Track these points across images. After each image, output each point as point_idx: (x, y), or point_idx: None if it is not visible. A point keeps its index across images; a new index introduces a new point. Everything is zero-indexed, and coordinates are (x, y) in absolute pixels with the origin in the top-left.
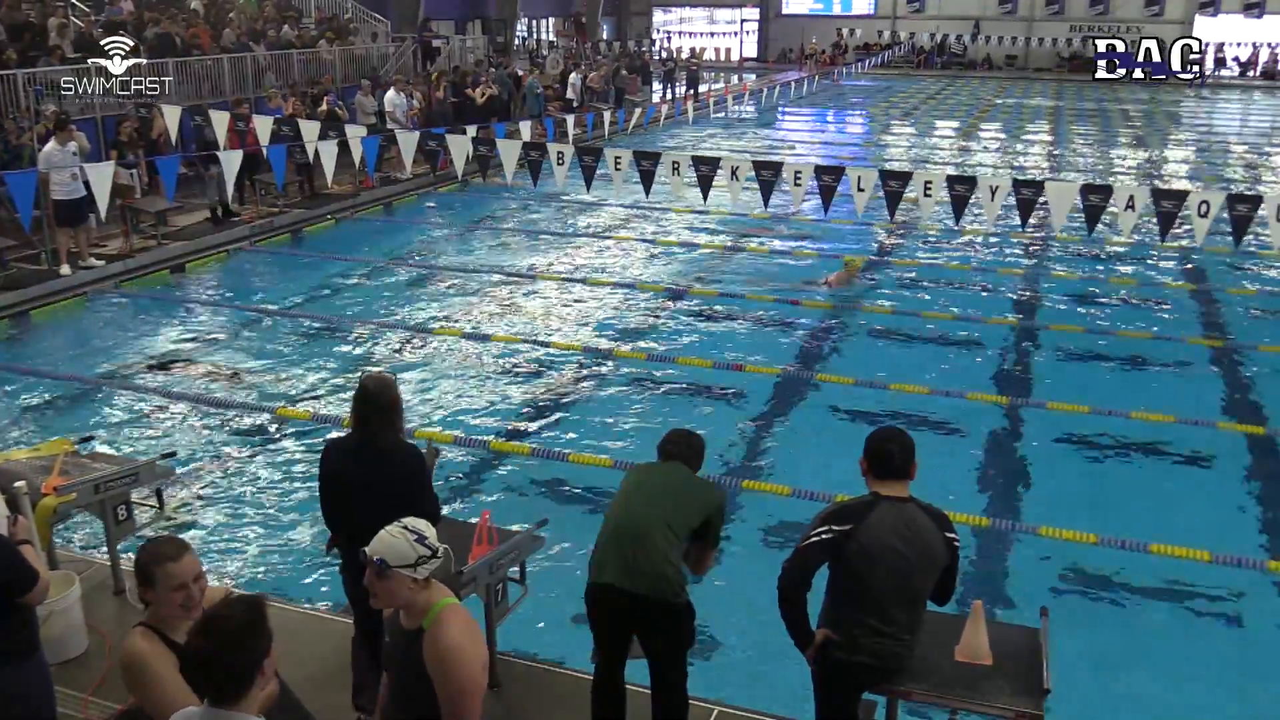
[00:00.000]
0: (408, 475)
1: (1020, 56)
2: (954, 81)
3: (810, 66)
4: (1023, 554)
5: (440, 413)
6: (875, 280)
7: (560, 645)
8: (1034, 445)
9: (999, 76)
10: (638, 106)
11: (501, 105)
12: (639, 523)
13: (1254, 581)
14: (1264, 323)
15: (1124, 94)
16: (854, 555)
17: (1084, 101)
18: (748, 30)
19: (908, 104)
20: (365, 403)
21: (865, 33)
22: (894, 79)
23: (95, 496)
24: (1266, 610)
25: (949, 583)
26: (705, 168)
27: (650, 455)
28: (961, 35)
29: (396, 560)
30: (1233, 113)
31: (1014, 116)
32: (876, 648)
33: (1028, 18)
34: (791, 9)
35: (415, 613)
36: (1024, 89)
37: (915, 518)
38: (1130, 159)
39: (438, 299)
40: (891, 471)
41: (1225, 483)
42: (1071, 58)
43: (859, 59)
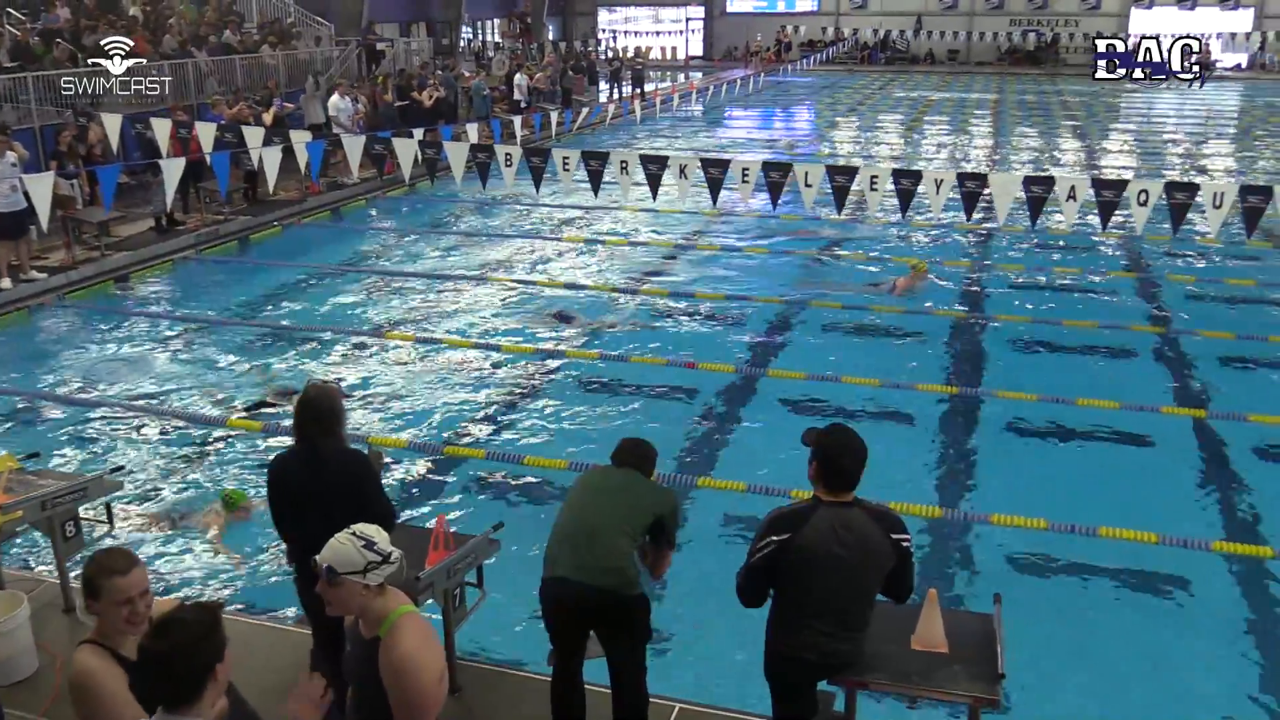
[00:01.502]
0: (353, 481)
1: (962, 51)
2: (898, 77)
3: (756, 64)
4: (975, 542)
5: (393, 418)
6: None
7: (519, 647)
8: (984, 434)
9: (941, 71)
10: (584, 106)
11: (448, 108)
12: (590, 520)
13: (1201, 561)
14: (1203, 308)
15: (1064, 86)
16: (793, 561)
17: (1025, 94)
18: (693, 29)
19: (853, 100)
20: (306, 411)
21: (809, 30)
22: (839, 75)
23: (42, 513)
24: (1213, 588)
25: (903, 582)
26: (653, 166)
27: (605, 456)
28: (904, 31)
29: (345, 567)
30: (1169, 103)
31: (957, 110)
32: (822, 646)
33: (968, 13)
34: (736, 7)
35: (372, 621)
36: (966, 83)
37: (856, 520)
38: (1071, 150)
39: (387, 303)
40: (845, 485)
41: (1170, 466)
42: (1011, 51)
43: (804, 56)
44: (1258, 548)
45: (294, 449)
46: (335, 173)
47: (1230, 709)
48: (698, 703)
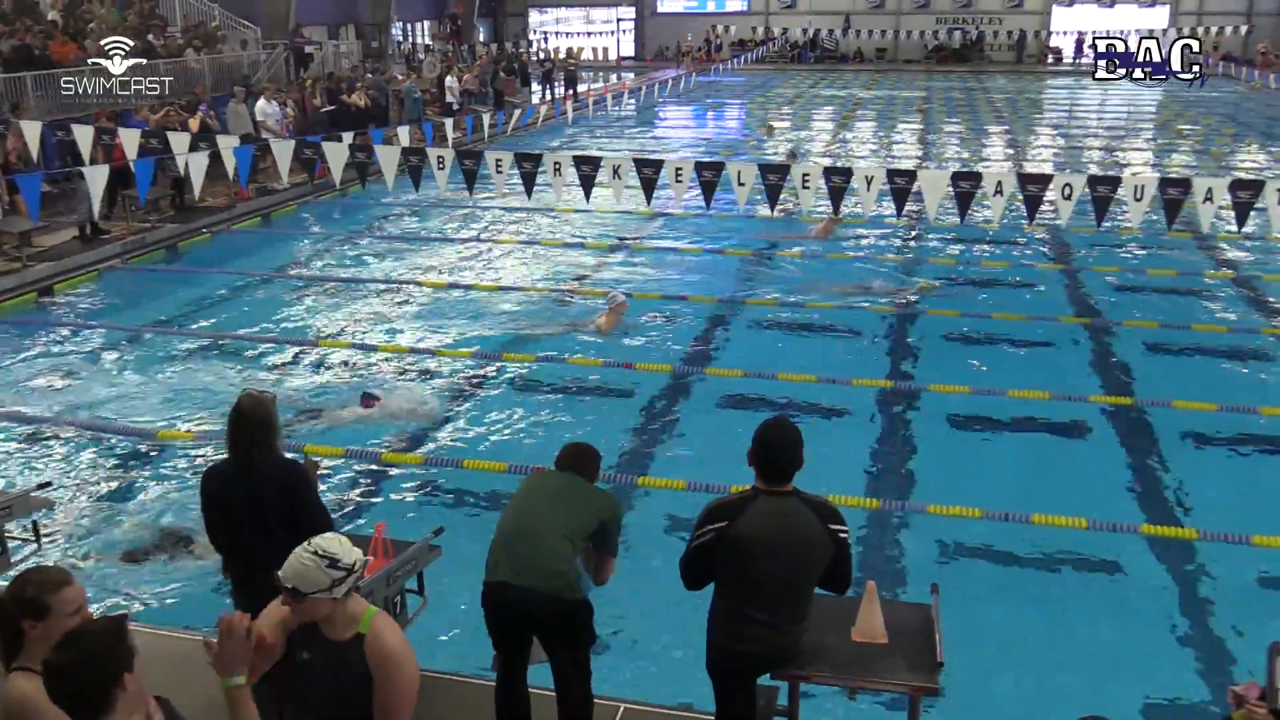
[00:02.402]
0: (290, 491)
1: (890, 49)
2: (827, 75)
3: (687, 64)
4: (913, 533)
5: (329, 426)
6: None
7: (463, 654)
8: (919, 427)
9: (870, 69)
10: (517, 108)
11: (379, 111)
12: (531, 524)
13: (1130, 544)
14: (1127, 299)
15: (989, 83)
16: (730, 549)
17: (952, 91)
18: (624, 29)
19: (784, 98)
20: (240, 422)
21: (739, 29)
22: (769, 74)
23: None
24: (1141, 571)
25: (842, 574)
26: (587, 167)
27: (545, 457)
28: (833, 30)
29: (310, 588)
30: (1092, 98)
31: (886, 108)
32: (759, 637)
33: (895, 11)
34: (666, 7)
35: (344, 623)
36: (895, 81)
37: (793, 510)
38: (998, 145)
39: (321, 310)
40: (778, 474)
41: (1099, 454)
42: (938, 49)
43: (734, 55)
44: (1183, 530)
45: (227, 460)
46: (265, 178)
47: (1161, 688)
48: (642, 702)
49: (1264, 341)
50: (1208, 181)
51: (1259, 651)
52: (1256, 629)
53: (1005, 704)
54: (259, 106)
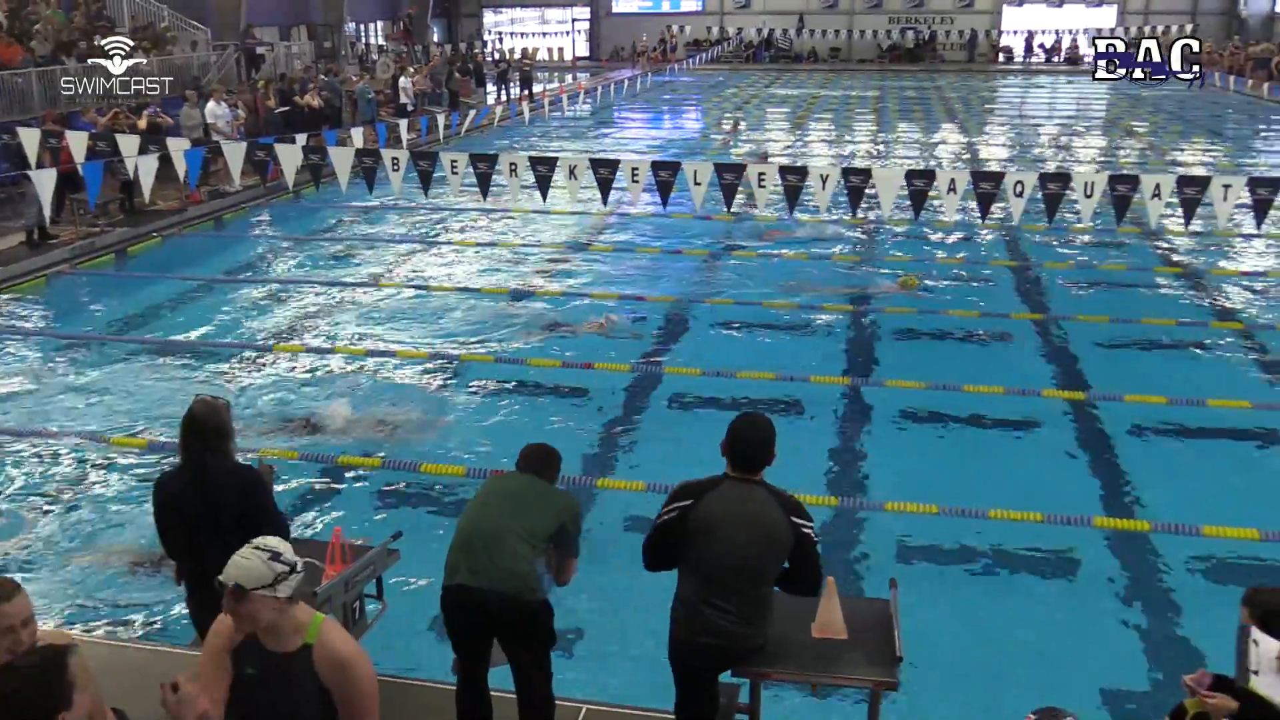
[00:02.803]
0: (245, 497)
1: (844, 49)
2: (782, 74)
3: (642, 64)
4: (871, 529)
5: (285, 431)
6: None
7: (423, 658)
8: (876, 423)
9: (824, 69)
10: (472, 109)
11: (333, 112)
12: (490, 526)
13: (1084, 537)
14: (1079, 294)
15: (942, 81)
16: (692, 528)
17: (905, 90)
18: (579, 29)
19: (739, 98)
20: (193, 428)
21: (694, 29)
22: (724, 73)
23: None
24: (1096, 563)
25: (807, 571)
26: (542, 168)
27: (504, 459)
28: (787, 30)
29: (254, 583)
30: (1042, 96)
31: (840, 107)
32: (719, 629)
33: (848, 11)
34: (621, 8)
35: (289, 632)
36: (848, 80)
37: (757, 497)
38: (951, 143)
39: (275, 313)
40: (748, 466)
41: (1053, 447)
42: (891, 48)
43: (689, 55)
44: (1136, 522)
45: (180, 467)
46: (216, 181)
47: (1116, 678)
48: (605, 702)
49: (1211, 335)
50: (1156, 178)
51: (1212, 639)
52: (1208, 618)
53: (964, 697)
54: (209, 108)
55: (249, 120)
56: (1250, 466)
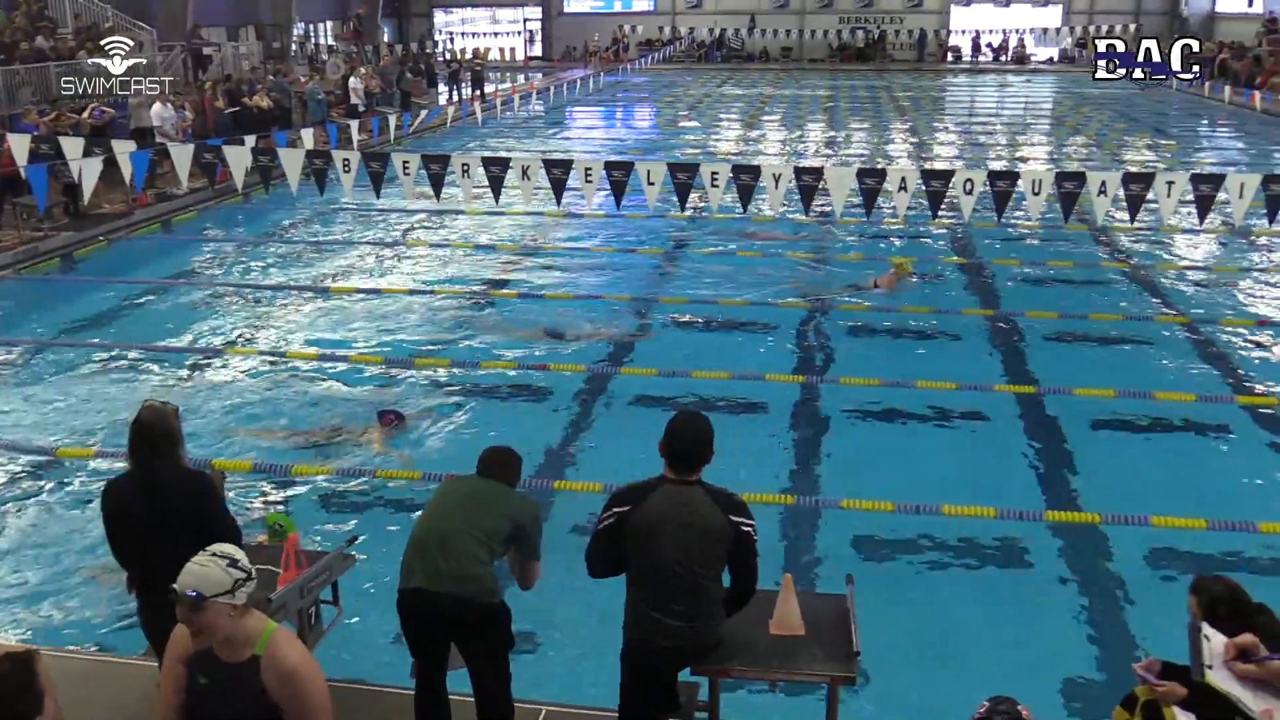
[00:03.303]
0: (196, 504)
1: (795, 48)
2: (734, 74)
3: (595, 64)
4: (827, 526)
5: (236, 438)
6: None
7: (381, 663)
8: (831, 421)
9: (776, 68)
10: (423, 109)
11: (282, 113)
12: (444, 528)
13: (1035, 530)
14: (1028, 290)
15: (892, 81)
16: (633, 533)
17: (856, 89)
18: (531, 29)
19: (691, 97)
20: (141, 435)
21: (647, 29)
22: (677, 73)
23: None
24: (1047, 554)
25: (745, 571)
26: (495, 169)
27: (460, 463)
28: (739, 29)
29: (212, 590)
30: (990, 95)
31: (792, 106)
32: (672, 631)
33: (799, 11)
34: (573, 7)
35: (240, 643)
36: (800, 79)
37: (695, 498)
38: (901, 142)
39: (225, 317)
40: (686, 465)
41: (1005, 442)
42: (842, 48)
43: (642, 55)
44: (1087, 514)
45: (129, 474)
46: (163, 183)
47: (1068, 667)
48: (564, 704)
49: (1157, 328)
50: (1101, 175)
51: (1162, 628)
52: (1158, 606)
53: (919, 689)
54: (154, 110)
55: (197, 122)
56: (1196, 457)
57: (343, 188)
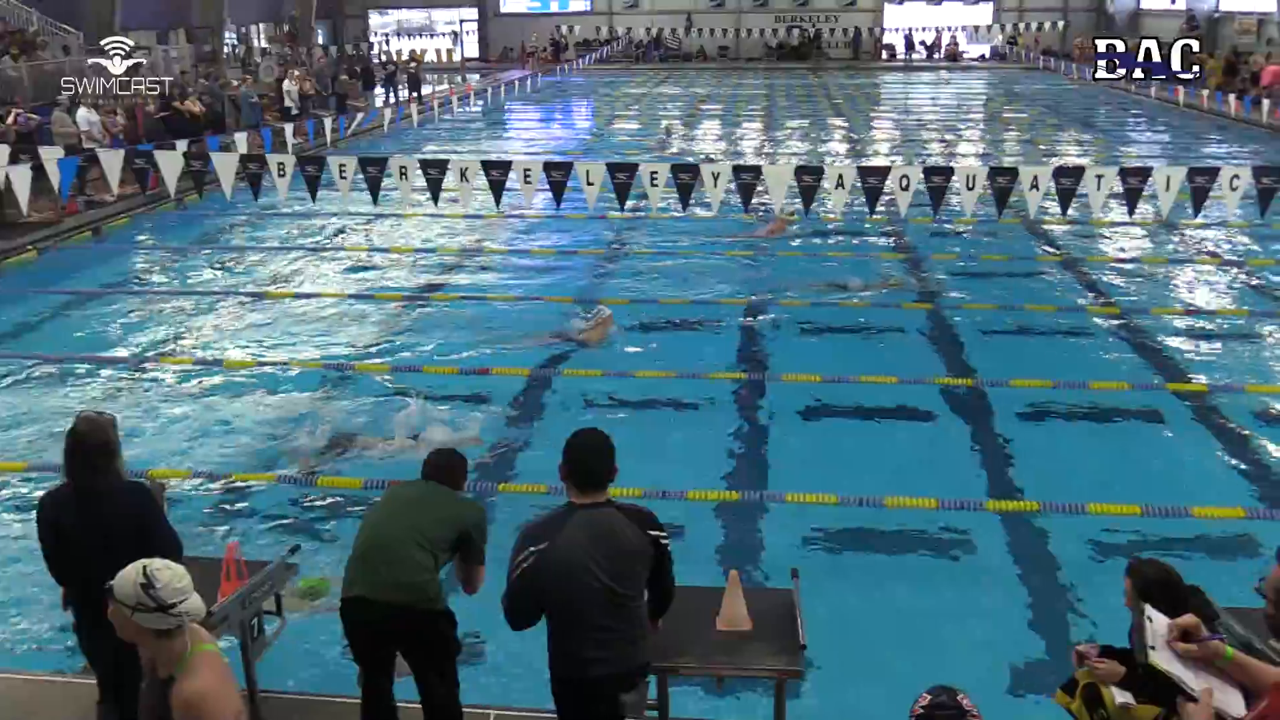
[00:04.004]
0: (134, 516)
1: (732, 47)
2: (672, 73)
3: (533, 64)
4: (772, 521)
5: (174, 448)
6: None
7: (327, 673)
8: (773, 417)
9: (713, 67)
10: (360, 112)
11: (215, 117)
12: (386, 535)
13: (976, 519)
14: (965, 284)
15: (828, 79)
16: (554, 570)
17: (793, 88)
18: (467, 30)
19: (629, 97)
20: (77, 447)
21: (584, 29)
22: (615, 73)
23: None
24: (989, 543)
25: (663, 582)
26: (433, 171)
27: (402, 470)
28: (676, 29)
29: (119, 592)
30: (925, 92)
31: (730, 104)
32: (597, 659)
33: (736, 10)
34: (510, 8)
35: (165, 660)
36: (737, 78)
37: (611, 520)
38: (838, 139)
39: (160, 326)
40: (592, 484)
41: (945, 433)
42: (778, 47)
43: (579, 55)
44: (1026, 502)
45: (65, 487)
46: (93, 190)
47: (1011, 654)
48: (513, 707)
49: (1089, 319)
50: (1033, 170)
51: (1101, 612)
52: (1097, 591)
53: (865, 680)
54: (80, 115)
55: (128, 127)
56: (1130, 445)
57: (278, 192)
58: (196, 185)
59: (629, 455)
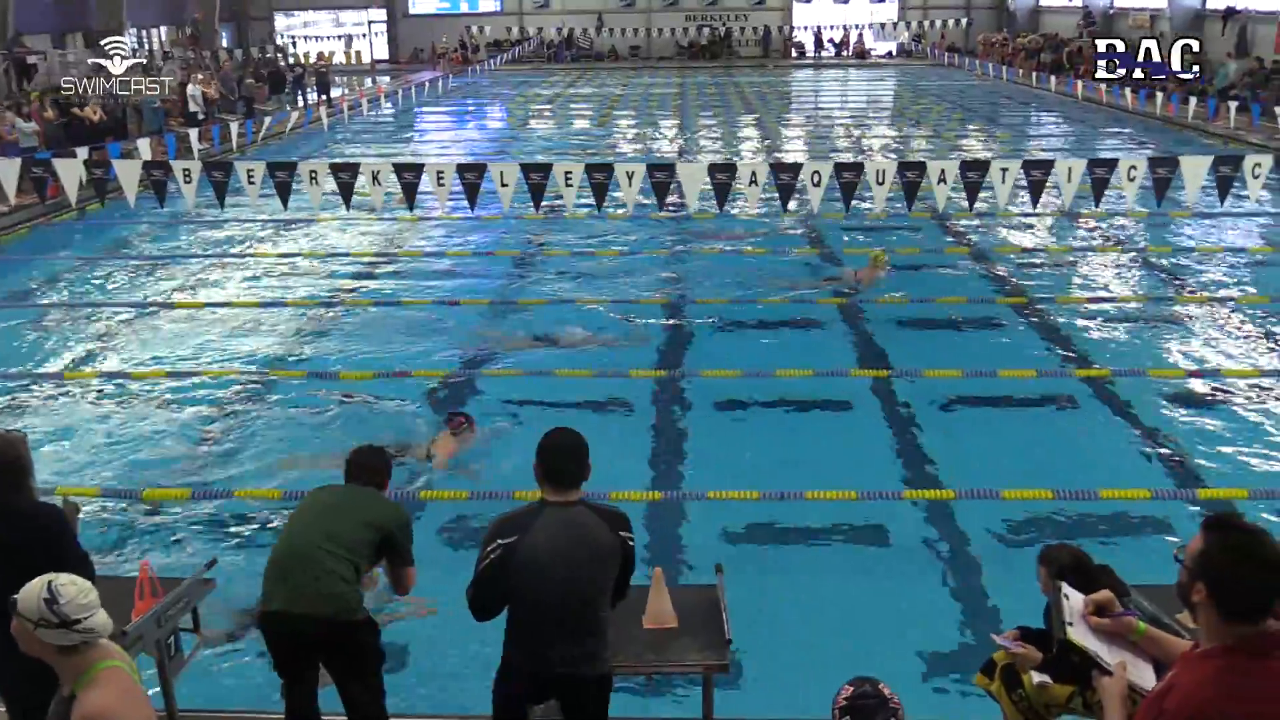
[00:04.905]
0: (46, 538)
1: (643, 47)
2: (584, 73)
3: (443, 66)
4: (695, 519)
5: (82, 465)
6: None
7: (250, 688)
8: (695, 414)
9: (625, 67)
10: (268, 116)
11: (116, 123)
12: (302, 545)
13: (895, 509)
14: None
15: (739, 77)
16: (522, 566)
17: (705, 87)
18: (376, 32)
19: (542, 97)
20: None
21: (494, 30)
22: (527, 74)
23: None
24: (907, 532)
25: (625, 582)
26: (345, 175)
27: (323, 478)
28: (587, 29)
29: (22, 606)
30: (834, 89)
31: (643, 104)
32: (562, 656)
33: (646, 9)
34: (419, 9)
35: (68, 676)
36: (649, 77)
37: (583, 520)
38: (751, 136)
39: (67, 339)
40: (563, 483)
41: (862, 425)
42: (689, 46)
43: (490, 56)
44: (942, 491)
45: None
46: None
47: (931, 641)
48: (439, 714)
49: (998, 309)
50: (940, 164)
51: (1017, 596)
52: (1012, 575)
53: (790, 671)
54: None
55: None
56: (1040, 431)
57: (185, 199)
58: (99, 193)
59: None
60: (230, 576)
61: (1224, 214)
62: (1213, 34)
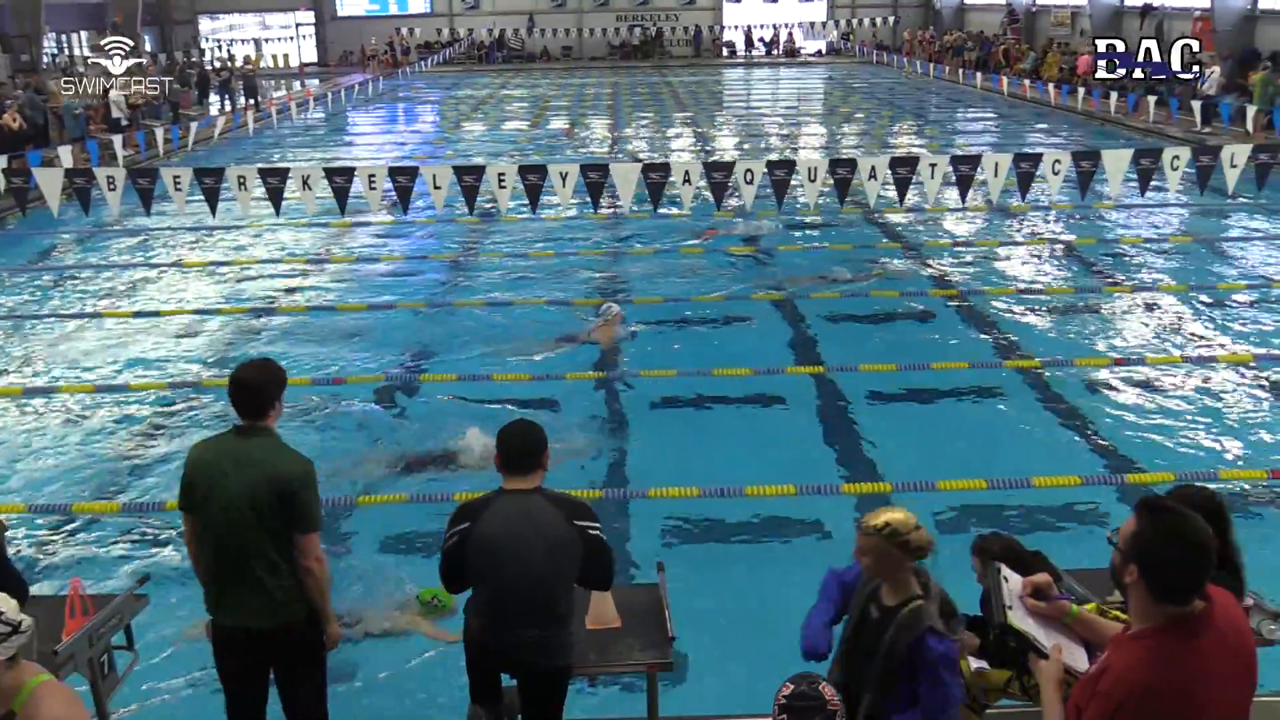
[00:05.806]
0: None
1: (575, 47)
2: (516, 74)
3: (373, 68)
4: (636, 517)
5: (7, 482)
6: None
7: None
8: (634, 413)
9: (557, 67)
10: (194, 121)
11: (36, 131)
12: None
13: (834, 504)
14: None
15: (671, 77)
16: (476, 549)
17: (637, 86)
18: (304, 34)
19: (474, 99)
20: None
21: (425, 31)
22: (458, 75)
23: None
24: (847, 526)
25: (598, 571)
26: (274, 180)
27: None
28: (518, 30)
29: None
30: (765, 87)
31: (575, 104)
32: (524, 642)
33: (577, 10)
34: (347, 10)
35: (4, 696)
36: (581, 77)
37: (536, 507)
38: (684, 136)
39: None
40: (518, 468)
41: (799, 421)
42: (621, 46)
43: (421, 58)
44: (879, 484)
45: None
46: None
47: None
48: None
49: (931, 303)
50: (871, 160)
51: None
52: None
53: (733, 667)
54: None
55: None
56: (972, 421)
57: (110, 207)
58: (19, 203)
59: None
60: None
61: (1143, 205)
62: (1130, 30)
